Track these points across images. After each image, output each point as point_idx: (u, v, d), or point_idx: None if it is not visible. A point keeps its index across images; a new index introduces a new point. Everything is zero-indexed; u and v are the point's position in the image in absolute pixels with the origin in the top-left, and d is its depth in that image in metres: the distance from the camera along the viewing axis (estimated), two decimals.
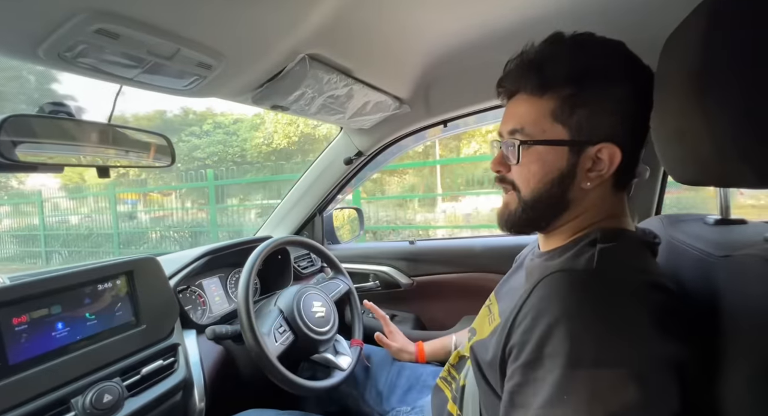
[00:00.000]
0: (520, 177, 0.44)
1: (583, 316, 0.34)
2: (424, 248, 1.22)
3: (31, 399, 0.50)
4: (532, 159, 0.43)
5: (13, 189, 11.67)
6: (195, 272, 0.88)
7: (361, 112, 0.90)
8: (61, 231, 5.71)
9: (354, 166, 1.17)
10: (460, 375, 0.61)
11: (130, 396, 0.59)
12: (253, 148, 11.07)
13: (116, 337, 0.62)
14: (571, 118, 0.41)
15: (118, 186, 5.87)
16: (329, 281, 1.01)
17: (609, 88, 0.40)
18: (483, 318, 0.55)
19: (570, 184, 0.42)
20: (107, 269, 0.64)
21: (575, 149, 0.41)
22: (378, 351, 0.93)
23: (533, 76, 0.42)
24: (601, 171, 0.41)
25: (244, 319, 0.69)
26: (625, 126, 0.41)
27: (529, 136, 0.43)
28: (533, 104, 0.43)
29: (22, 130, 0.45)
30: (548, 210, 0.44)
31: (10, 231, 6.19)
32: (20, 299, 0.53)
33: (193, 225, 5.04)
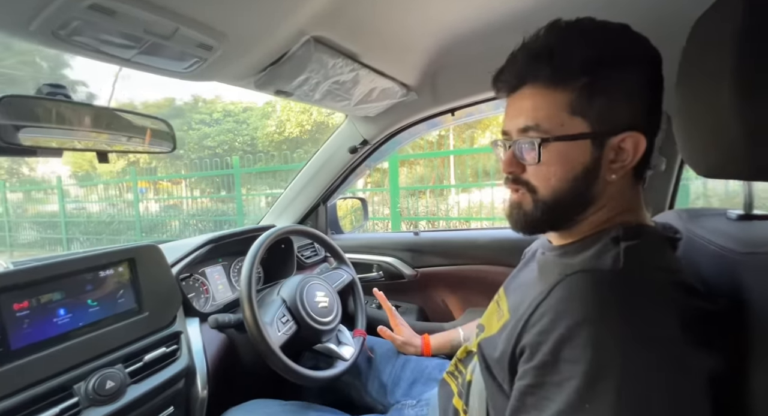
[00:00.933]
0: (539, 177, 0.42)
1: (608, 320, 0.32)
2: (428, 239, 1.20)
3: (33, 385, 0.50)
4: (552, 157, 0.40)
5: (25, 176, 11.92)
6: (198, 260, 0.88)
7: (367, 98, 0.87)
8: (82, 219, 5.77)
9: (359, 154, 1.14)
10: (466, 369, 0.59)
11: (132, 382, 0.59)
12: (264, 137, 11.08)
13: (119, 324, 0.62)
14: (590, 109, 0.38)
15: (128, 174, 5.92)
16: (333, 271, 1.00)
17: (625, 73, 0.38)
18: (491, 313, 0.54)
19: (594, 179, 0.40)
20: (109, 256, 0.63)
21: (598, 141, 0.39)
22: (382, 343, 0.92)
23: (545, 67, 0.39)
24: (624, 161, 0.39)
25: (246, 308, 0.69)
26: (645, 112, 0.39)
27: (547, 132, 0.40)
28: (546, 97, 0.39)
29: (19, 111, 0.44)
30: (570, 208, 0.42)
31: (31, 218, 6.31)
32: (22, 285, 0.52)
33: (218, 213, 5.00)
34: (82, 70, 11.76)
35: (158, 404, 0.62)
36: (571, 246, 0.43)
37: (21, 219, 6.30)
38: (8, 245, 6.11)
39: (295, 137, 10.73)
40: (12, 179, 9.89)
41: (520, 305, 0.44)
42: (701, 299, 0.35)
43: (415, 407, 0.69)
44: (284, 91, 0.72)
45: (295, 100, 0.79)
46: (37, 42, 0.44)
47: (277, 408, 0.71)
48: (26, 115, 0.45)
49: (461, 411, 0.55)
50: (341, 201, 1.48)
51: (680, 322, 0.32)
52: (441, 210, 3.70)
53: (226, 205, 5.09)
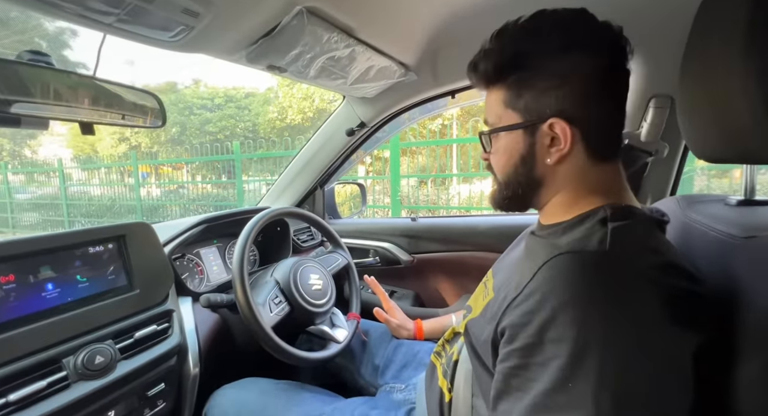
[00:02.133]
0: (494, 163, 0.48)
1: (594, 300, 0.32)
2: (426, 225, 1.19)
3: (21, 358, 0.50)
4: (497, 146, 0.46)
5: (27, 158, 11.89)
6: (191, 240, 0.87)
7: (364, 77, 0.84)
8: (83, 202, 5.79)
9: (356, 137, 1.12)
10: (452, 349, 0.59)
11: (122, 358, 0.59)
12: (266, 123, 10.99)
13: (109, 301, 0.61)
14: (518, 101, 0.42)
15: (128, 158, 5.89)
16: (328, 254, 0.99)
17: (551, 64, 0.40)
18: (479, 294, 0.54)
19: (533, 164, 0.43)
20: (98, 232, 0.62)
21: (528, 130, 0.43)
22: (376, 327, 0.92)
23: (481, 71, 0.45)
24: (559, 146, 0.42)
25: (238, 288, 0.68)
26: (577, 97, 0.40)
27: (492, 125, 0.46)
28: (490, 95, 0.46)
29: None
30: (521, 189, 0.46)
31: (32, 200, 6.33)
32: (6, 257, 0.52)
33: (219, 199, 5.00)
34: (82, 51, 11.61)
35: (149, 380, 0.62)
36: (557, 226, 0.44)
37: (23, 201, 6.31)
38: (11, 226, 6.16)
39: (297, 124, 10.63)
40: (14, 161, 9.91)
41: (504, 284, 0.44)
42: (690, 281, 0.35)
43: (403, 391, 0.69)
44: (277, 66, 0.70)
45: (289, 77, 0.76)
46: (14, 2, 0.42)
47: (270, 386, 0.71)
48: (5, 80, 0.43)
49: (446, 390, 0.55)
50: (340, 186, 1.46)
51: (665, 303, 0.32)
52: (442, 200, 3.68)
53: (226, 190, 5.08)
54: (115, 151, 11.17)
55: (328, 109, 10.26)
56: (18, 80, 0.47)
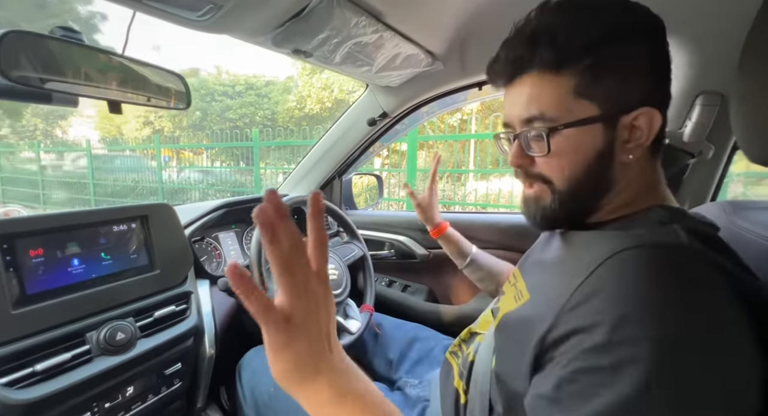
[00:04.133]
0: (552, 167, 0.40)
1: (675, 297, 0.29)
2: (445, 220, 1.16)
3: (48, 329, 0.52)
4: (563, 145, 0.38)
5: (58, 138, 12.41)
6: (210, 224, 0.88)
7: (390, 65, 0.82)
8: (109, 182, 6.00)
9: (378, 127, 1.10)
10: (468, 349, 0.58)
11: (142, 336, 0.60)
12: (284, 112, 11.08)
13: (130, 279, 0.62)
14: (597, 90, 0.36)
15: (151, 142, 6.05)
16: (344, 245, 0.99)
17: (629, 47, 0.36)
18: (508, 296, 0.50)
19: (610, 162, 0.38)
20: (123, 211, 0.63)
21: (609, 123, 0.37)
22: (389, 320, 0.91)
23: (545, 51, 0.37)
24: (639, 139, 0.37)
25: (255, 274, 0.69)
26: (654, 84, 0.37)
27: (554, 120, 0.38)
28: (550, 83, 0.38)
29: (29, 49, 0.42)
30: (589, 196, 0.40)
31: (61, 178, 6.61)
32: (37, 231, 0.53)
33: (236, 185, 5.09)
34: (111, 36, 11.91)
35: (167, 359, 0.63)
36: (611, 223, 0.40)
37: (53, 179, 6.59)
38: (42, 202, 6.46)
39: (315, 114, 10.66)
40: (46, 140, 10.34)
41: (541, 286, 0.41)
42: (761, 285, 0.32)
43: (417, 387, 0.68)
44: (303, 51, 0.68)
45: (314, 62, 0.75)
46: None
47: None
48: (36, 54, 0.43)
49: (461, 392, 0.54)
50: (357, 178, 1.45)
51: (747, 306, 0.29)
52: (458, 196, 3.62)
53: (244, 177, 5.16)
54: (140, 134, 11.51)
55: (347, 99, 10.23)
56: (50, 56, 0.47)
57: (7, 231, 0.50)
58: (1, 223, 0.50)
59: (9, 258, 0.50)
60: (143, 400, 0.60)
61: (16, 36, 0.40)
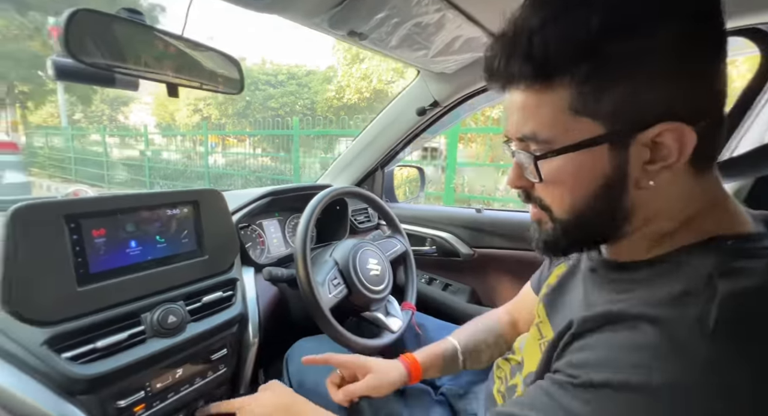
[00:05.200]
0: (549, 195, 0.35)
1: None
2: (491, 218, 1.09)
3: (108, 308, 0.53)
4: (559, 172, 0.32)
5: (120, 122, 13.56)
6: (256, 211, 0.88)
7: (448, 49, 0.75)
8: (162, 164, 6.47)
9: (427, 117, 1.04)
10: (515, 379, 0.52)
11: (192, 320, 0.61)
12: (323, 102, 11.26)
13: (181, 263, 0.63)
14: (599, 104, 0.29)
15: (201, 128, 6.40)
16: (386, 239, 0.95)
17: (646, 42, 0.27)
18: (532, 344, 0.44)
19: (623, 189, 0.31)
20: (176, 195, 0.64)
21: (619, 143, 0.30)
22: (431, 321, 0.87)
23: (522, 62, 0.30)
24: (667, 160, 0.29)
25: (300, 265, 0.67)
26: (686, 89, 0.28)
27: (547, 142, 0.31)
28: (539, 99, 0.31)
29: (95, 30, 0.42)
30: (597, 228, 0.34)
31: (122, 160, 7.24)
32: (100, 212, 0.54)
33: (276, 172, 5.26)
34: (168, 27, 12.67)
35: (213, 345, 0.64)
36: (631, 268, 0.34)
37: (116, 161, 7.22)
38: (106, 182, 7.11)
39: (353, 104, 10.70)
40: (111, 125, 11.34)
41: None
42: None
43: (463, 398, 0.64)
44: (358, 33, 0.64)
45: (368, 45, 0.70)
46: None
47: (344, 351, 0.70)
48: (103, 35, 0.43)
49: None
50: (397, 169, 1.41)
51: None
52: (499, 192, 3.47)
53: (283, 165, 5.31)
54: (190, 120, 12.27)
55: (385, 90, 10.14)
56: (115, 38, 0.47)
57: (75, 211, 0.51)
58: (70, 203, 0.51)
59: (75, 237, 0.52)
60: (191, 383, 0.61)
61: (85, 15, 0.40)
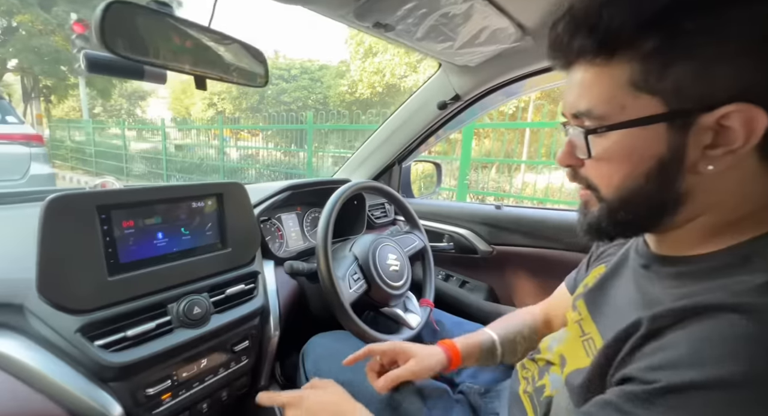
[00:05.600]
0: (597, 174, 0.34)
1: None
2: (511, 215, 1.07)
3: (137, 297, 0.54)
4: (610, 150, 0.32)
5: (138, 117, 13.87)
6: (276, 205, 0.89)
7: (474, 41, 0.73)
8: (178, 158, 6.58)
9: (447, 112, 1.02)
10: (544, 380, 0.50)
11: (215, 312, 0.62)
12: (335, 96, 11.26)
13: (205, 255, 0.64)
14: (662, 81, 0.28)
15: (215, 122, 6.48)
16: (404, 235, 0.94)
17: (718, 17, 0.26)
18: (573, 341, 0.43)
19: (678, 172, 0.30)
20: (201, 188, 0.65)
21: (679, 123, 0.28)
22: (448, 318, 0.87)
23: (587, 36, 0.30)
24: (732, 145, 0.27)
25: (321, 259, 0.67)
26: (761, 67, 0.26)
27: (601, 118, 0.31)
28: (599, 74, 0.31)
29: (127, 22, 0.42)
30: (647, 210, 0.33)
31: (140, 153, 7.40)
32: (129, 204, 0.55)
33: (290, 167, 5.31)
34: None
35: (236, 336, 0.65)
36: (693, 262, 0.32)
37: (134, 154, 7.39)
38: (125, 174, 7.30)
39: (365, 98, 10.67)
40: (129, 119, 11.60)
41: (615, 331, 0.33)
42: None
43: (484, 396, 0.63)
44: (384, 25, 0.63)
45: (392, 37, 0.69)
46: None
47: (361, 344, 0.70)
48: (134, 27, 0.43)
49: None
50: (414, 164, 1.39)
51: None
52: (514, 188, 3.41)
53: (296, 159, 5.35)
54: (205, 114, 12.44)
55: (398, 84, 10.07)
56: (146, 29, 0.47)
57: (105, 203, 0.52)
58: (101, 195, 0.52)
59: (106, 227, 0.52)
60: (215, 373, 0.62)
61: (119, 7, 0.40)
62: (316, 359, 0.66)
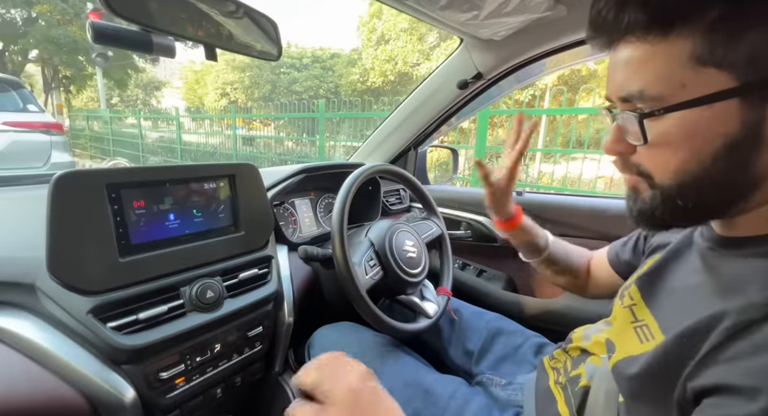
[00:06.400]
0: (652, 161, 0.31)
1: None
2: (534, 201, 1.02)
3: (149, 280, 0.53)
4: (668, 132, 0.29)
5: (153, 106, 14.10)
6: (289, 189, 0.86)
7: (501, 10, 0.67)
8: (193, 147, 6.66)
9: (467, 92, 0.97)
10: (579, 370, 0.47)
11: (228, 296, 0.60)
12: (347, 85, 11.16)
13: (218, 238, 0.62)
14: (733, 53, 0.25)
15: (227, 112, 6.50)
16: (421, 221, 0.91)
17: None
18: (624, 326, 0.39)
19: (751, 151, 0.27)
20: (213, 169, 0.62)
21: (756, 96, 0.26)
22: (466, 307, 0.83)
23: (640, 9, 0.27)
24: None
25: (337, 244, 0.64)
26: None
27: (657, 99, 0.28)
28: (653, 51, 0.28)
29: None
30: (716, 196, 0.30)
31: (156, 142, 7.53)
32: (139, 183, 0.53)
33: (301, 155, 5.33)
34: None
35: (250, 321, 0.63)
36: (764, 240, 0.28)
37: (150, 143, 7.52)
38: (141, 163, 7.44)
39: (377, 87, 10.52)
40: (145, 109, 11.80)
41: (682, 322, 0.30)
42: None
43: (505, 388, 0.60)
44: None
45: (413, 6, 0.64)
46: None
47: (368, 335, 0.69)
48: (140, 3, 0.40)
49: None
50: (429, 151, 1.34)
51: None
52: (530, 178, 3.31)
53: (308, 148, 5.34)
54: (218, 104, 12.53)
55: (410, 72, 9.88)
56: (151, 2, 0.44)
57: (115, 181, 0.50)
58: (111, 172, 0.50)
59: (116, 207, 0.51)
60: (228, 358, 0.61)
61: None
62: (321, 352, 0.65)
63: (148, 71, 15.99)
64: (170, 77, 21.63)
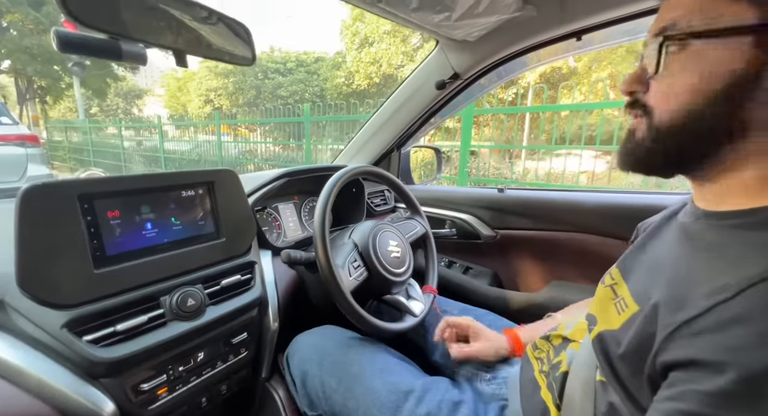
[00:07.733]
0: (660, 94, 0.32)
1: None
2: (515, 198, 1.04)
3: (127, 291, 0.52)
4: (683, 61, 0.30)
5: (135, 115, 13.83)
6: (271, 194, 0.86)
7: (472, 12, 0.69)
8: (177, 156, 6.54)
9: (446, 92, 0.98)
10: (559, 357, 0.48)
11: (211, 304, 0.59)
12: (333, 89, 11.13)
13: (199, 246, 0.61)
14: None
15: (212, 118, 6.41)
16: (405, 221, 0.91)
17: None
18: (604, 302, 0.41)
19: (746, 98, 0.28)
20: (191, 176, 0.62)
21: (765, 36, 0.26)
22: (453, 305, 0.84)
23: None
24: None
25: (319, 248, 0.64)
26: None
27: (686, 29, 0.29)
28: None
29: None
30: (697, 139, 0.31)
31: (138, 152, 7.36)
32: (113, 193, 0.52)
33: (288, 160, 5.28)
34: None
35: (234, 328, 0.63)
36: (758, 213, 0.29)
37: (132, 153, 7.35)
38: (124, 173, 7.28)
39: (362, 89, 10.54)
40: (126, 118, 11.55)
41: (655, 293, 0.31)
42: None
43: (490, 383, 0.61)
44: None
45: (385, 9, 0.65)
46: None
47: (349, 337, 0.69)
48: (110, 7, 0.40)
49: (552, 405, 0.45)
50: (412, 152, 1.36)
51: None
52: (516, 174, 3.36)
53: (294, 152, 5.31)
54: (202, 111, 12.35)
55: (395, 74, 9.93)
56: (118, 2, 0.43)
57: (87, 191, 0.49)
58: (82, 183, 0.49)
59: (90, 218, 0.50)
60: (213, 366, 0.60)
61: None
62: (300, 360, 0.65)
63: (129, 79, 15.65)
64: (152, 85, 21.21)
